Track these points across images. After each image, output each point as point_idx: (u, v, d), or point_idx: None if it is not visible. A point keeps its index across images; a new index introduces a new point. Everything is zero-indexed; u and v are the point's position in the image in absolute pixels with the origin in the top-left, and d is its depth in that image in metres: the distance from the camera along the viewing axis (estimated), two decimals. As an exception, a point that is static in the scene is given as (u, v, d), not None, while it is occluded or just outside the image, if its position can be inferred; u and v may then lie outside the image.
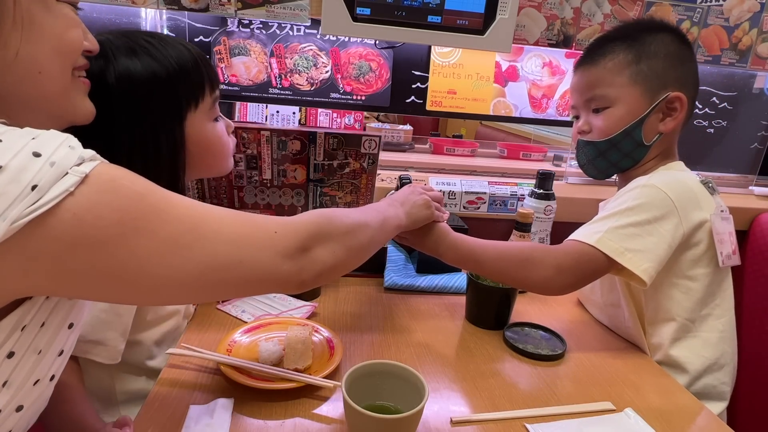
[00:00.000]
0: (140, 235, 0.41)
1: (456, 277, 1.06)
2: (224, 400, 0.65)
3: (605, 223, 0.82)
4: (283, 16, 1.14)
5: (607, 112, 0.89)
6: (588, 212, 1.12)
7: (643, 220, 0.80)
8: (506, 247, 0.84)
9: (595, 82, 0.90)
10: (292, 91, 1.32)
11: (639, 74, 0.87)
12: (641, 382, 0.78)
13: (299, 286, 0.54)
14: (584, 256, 0.79)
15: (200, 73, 0.72)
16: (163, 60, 0.67)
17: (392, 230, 0.74)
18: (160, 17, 1.20)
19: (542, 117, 1.49)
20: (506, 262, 0.82)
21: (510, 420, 0.66)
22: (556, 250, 0.82)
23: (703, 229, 0.84)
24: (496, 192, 1.23)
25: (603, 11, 1.26)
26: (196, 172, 0.78)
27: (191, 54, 0.71)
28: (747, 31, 1.33)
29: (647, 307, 0.87)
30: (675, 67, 0.88)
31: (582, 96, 0.93)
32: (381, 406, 0.61)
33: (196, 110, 0.72)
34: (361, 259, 0.64)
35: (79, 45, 0.48)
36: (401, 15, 1.06)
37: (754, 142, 1.55)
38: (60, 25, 0.46)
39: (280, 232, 0.51)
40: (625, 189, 0.87)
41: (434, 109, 1.40)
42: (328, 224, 0.57)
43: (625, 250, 0.78)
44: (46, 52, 0.45)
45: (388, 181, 1.20)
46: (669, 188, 0.82)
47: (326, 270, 0.56)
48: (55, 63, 0.46)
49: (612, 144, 0.90)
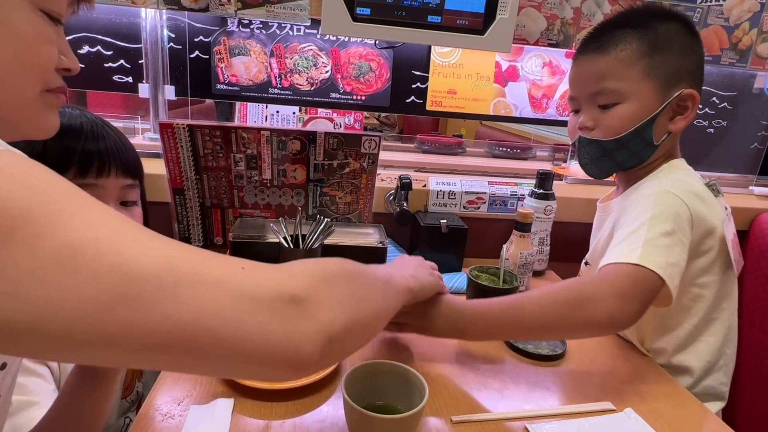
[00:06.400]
0: (13, 244, 0.27)
1: (456, 277, 1.06)
2: (224, 400, 0.65)
3: (636, 236, 0.73)
4: (283, 16, 1.14)
5: (617, 109, 0.81)
6: (588, 212, 1.12)
7: (670, 229, 0.74)
8: (544, 294, 0.72)
9: (605, 73, 0.81)
10: (292, 91, 1.32)
11: (653, 67, 0.79)
12: (641, 382, 0.78)
13: (295, 362, 0.34)
14: (638, 276, 0.69)
15: None
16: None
17: (401, 292, 0.61)
18: (160, 17, 1.20)
19: (542, 117, 1.49)
20: (554, 308, 0.70)
21: (510, 420, 0.66)
22: (604, 279, 0.71)
23: (713, 236, 0.80)
24: (496, 192, 1.22)
25: (603, 11, 1.26)
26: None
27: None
28: (747, 31, 1.33)
29: (653, 314, 0.82)
30: (687, 61, 0.81)
31: (587, 88, 0.84)
32: (381, 406, 0.61)
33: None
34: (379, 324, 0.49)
35: (49, 62, 0.44)
36: (401, 15, 1.06)
37: (754, 142, 1.55)
38: (30, 36, 0.42)
39: (248, 268, 0.35)
40: (641, 196, 0.81)
41: (434, 109, 1.40)
42: (329, 266, 0.42)
43: (666, 265, 0.70)
44: (7, 57, 0.41)
45: (388, 181, 1.20)
46: (684, 196, 0.78)
47: (337, 330, 0.38)
48: (17, 73, 0.42)
49: (620, 143, 0.82)
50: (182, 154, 1.03)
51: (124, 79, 1.26)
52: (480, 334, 0.74)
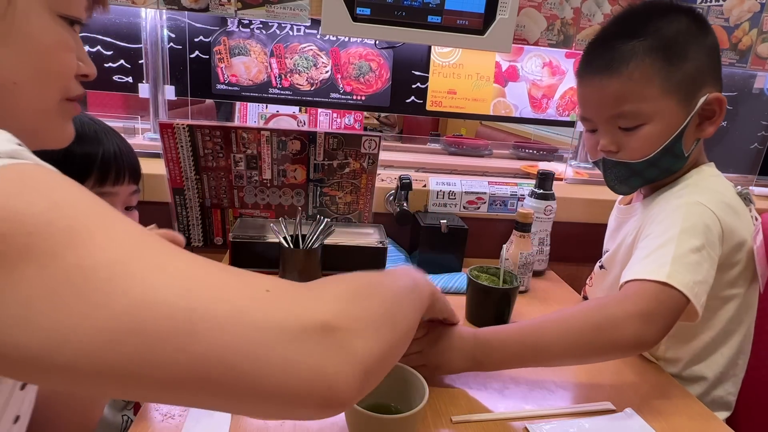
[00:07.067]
0: (28, 262, 0.26)
1: (456, 277, 1.06)
2: (224, 400, 0.65)
3: (664, 251, 0.70)
4: (283, 16, 1.14)
5: (641, 132, 0.76)
6: (588, 212, 1.13)
7: (700, 245, 0.70)
8: (564, 318, 0.69)
9: (622, 97, 0.75)
10: (292, 91, 1.32)
11: (671, 80, 0.74)
12: (641, 382, 0.78)
13: (329, 401, 0.31)
14: (663, 295, 0.67)
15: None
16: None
17: (427, 297, 0.56)
18: (160, 17, 1.20)
19: (542, 117, 1.49)
20: (576, 333, 0.67)
21: (510, 420, 0.66)
22: (628, 299, 0.68)
23: (742, 249, 0.77)
24: (496, 192, 1.22)
25: (603, 11, 1.26)
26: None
27: None
28: (747, 31, 1.33)
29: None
30: (704, 61, 0.75)
31: (603, 112, 0.78)
32: (381, 406, 0.61)
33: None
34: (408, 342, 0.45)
35: (66, 71, 0.44)
36: (401, 15, 1.06)
37: (754, 142, 1.55)
38: (51, 44, 0.42)
39: (273, 290, 0.32)
40: (670, 206, 0.76)
41: (434, 109, 1.40)
42: (358, 284, 0.39)
43: (693, 284, 0.67)
44: (26, 65, 0.40)
45: (388, 181, 1.20)
46: (716, 207, 0.74)
47: (373, 361, 0.34)
48: (35, 81, 0.41)
49: (650, 163, 0.78)
50: (182, 154, 1.03)
51: (124, 79, 1.26)
52: (499, 363, 0.71)
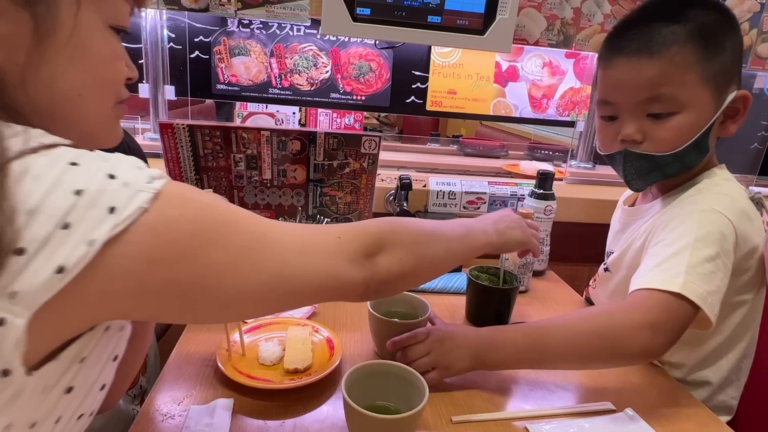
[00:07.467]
0: (214, 247, 0.41)
1: (456, 277, 1.06)
2: (224, 400, 0.65)
3: (679, 260, 0.69)
4: (283, 16, 1.14)
5: (673, 120, 0.73)
6: (588, 212, 1.13)
7: (714, 254, 0.69)
8: (570, 322, 0.70)
9: (660, 79, 0.71)
10: (292, 91, 1.32)
11: (710, 71, 0.71)
12: (641, 382, 0.78)
13: (365, 293, 0.52)
14: (673, 305, 0.66)
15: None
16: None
17: (479, 246, 0.67)
18: (160, 17, 1.20)
19: (542, 117, 1.49)
20: (582, 338, 0.67)
21: (510, 420, 0.66)
22: (637, 308, 0.67)
23: (754, 256, 0.76)
24: (496, 192, 1.22)
25: (603, 11, 1.26)
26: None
27: None
28: (747, 31, 1.33)
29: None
30: (735, 57, 0.74)
31: (635, 95, 0.74)
32: (381, 406, 0.61)
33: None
34: (435, 271, 0.62)
35: (120, 78, 0.49)
36: (401, 15, 1.06)
37: (754, 142, 1.55)
38: (106, 55, 0.46)
39: (344, 237, 0.51)
40: (684, 212, 0.75)
41: (434, 109, 1.40)
42: (395, 231, 0.56)
43: (707, 294, 0.66)
44: (88, 77, 0.45)
45: (388, 181, 1.20)
46: (731, 214, 0.72)
47: (392, 278, 0.54)
48: (95, 90, 0.46)
49: (677, 157, 0.74)
50: (182, 154, 1.03)
51: (124, 79, 1.26)
52: (503, 362, 0.72)
